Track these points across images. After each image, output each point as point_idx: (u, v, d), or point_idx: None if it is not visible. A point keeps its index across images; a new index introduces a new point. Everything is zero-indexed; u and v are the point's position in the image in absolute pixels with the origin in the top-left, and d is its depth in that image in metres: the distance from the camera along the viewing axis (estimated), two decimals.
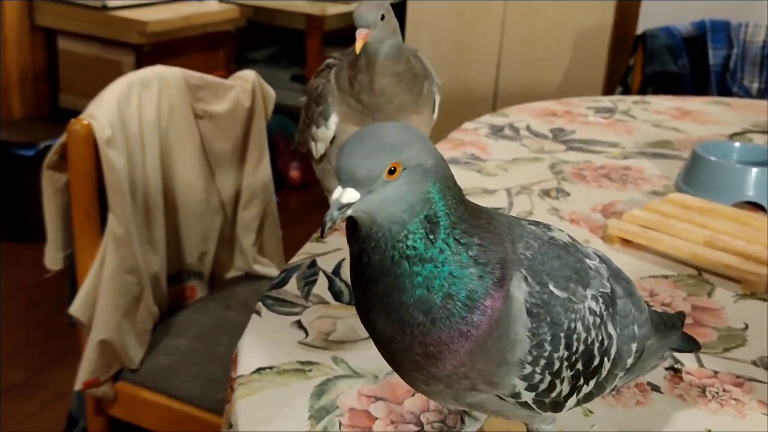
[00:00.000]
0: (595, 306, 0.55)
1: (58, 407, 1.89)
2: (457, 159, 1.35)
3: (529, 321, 0.51)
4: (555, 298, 0.53)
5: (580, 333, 0.54)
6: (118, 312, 1.33)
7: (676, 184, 1.25)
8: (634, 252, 1.04)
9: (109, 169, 1.29)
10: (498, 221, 0.54)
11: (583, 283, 0.55)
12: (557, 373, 0.53)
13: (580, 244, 0.59)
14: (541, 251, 0.54)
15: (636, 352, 0.60)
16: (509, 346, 0.51)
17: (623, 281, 0.61)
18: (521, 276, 0.52)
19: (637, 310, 0.61)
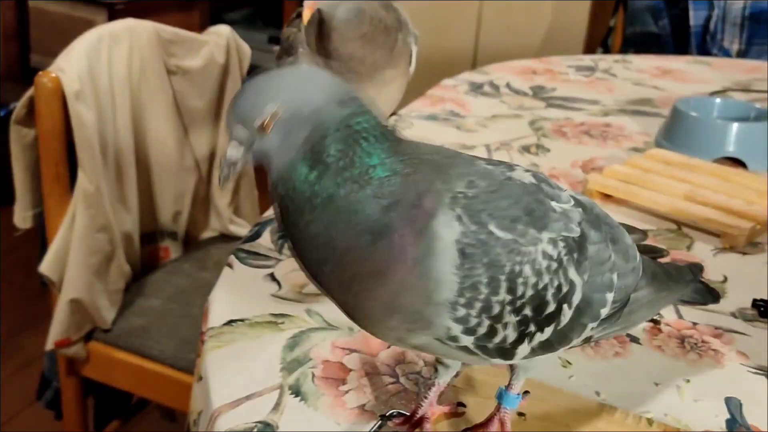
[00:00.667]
0: (551, 250, 0.52)
1: (32, 371, 1.87)
2: (435, 115, 1.33)
3: (461, 261, 0.49)
4: (495, 238, 0.50)
5: (528, 277, 0.51)
6: (89, 271, 1.31)
7: (657, 140, 1.24)
8: (614, 207, 1.03)
9: (78, 124, 1.26)
10: (432, 160, 0.51)
11: (537, 225, 0.52)
12: (498, 318, 0.51)
13: (554, 185, 0.56)
14: (488, 190, 0.51)
15: (614, 302, 0.57)
16: (433, 285, 0.49)
17: (606, 227, 0.58)
18: (453, 215, 0.49)
19: (622, 259, 0.58)
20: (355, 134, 0.49)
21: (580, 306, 0.54)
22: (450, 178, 0.50)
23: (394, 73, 0.96)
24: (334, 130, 0.49)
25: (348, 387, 0.66)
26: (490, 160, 0.55)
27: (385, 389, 0.66)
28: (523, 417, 0.61)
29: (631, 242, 0.60)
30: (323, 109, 0.49)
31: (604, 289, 0.56)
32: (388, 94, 0.97)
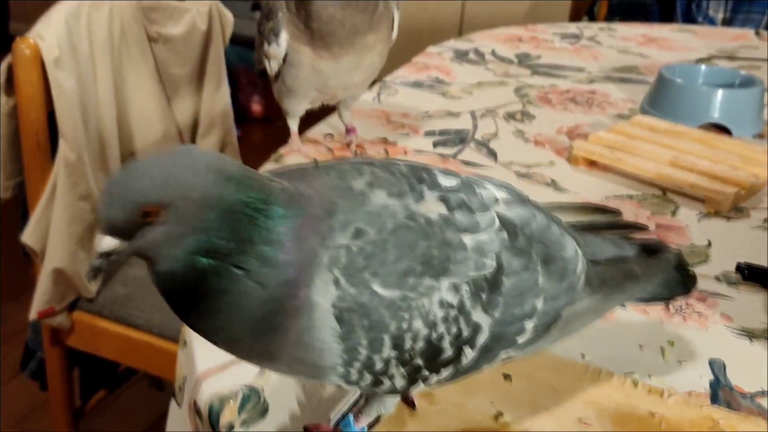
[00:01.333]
0: (451, 297, 0.48)
1: (15, 343, 1.86)
2: (421, 82, 1.32)
3: (339, 327, 0.46)
4: (379, 299, 0.46)
5: (419, 331, 0.48)
6: (71, 240, 1.29)
7: (642, 107, 1.24)
8: (600, 173, 1.03)
9: (58, 92, 1.24)
10: (321, 206, 0.47)
11: (435, 273, 0.48)
12: (382, 372, 0.49)
13: (476, 205, 0.51)
14: (376, 240, 0.47)
15: (537, 327, 0.53)
16: (318, 354, 0.47)
17: (540, 246, 0.53)
18: (329, 279, 0.46)
19: (555, 280, 0.53)
20: (245, 215, 0.45)
21: (488, 344, 0.51)
22: (333, 232, 0.46)
23: (375, 38, 0.95)
24: (223, 215, 0.45)
25: None
26: (393, 185, 0.49)
27: None
28: (508, 379, 0.61)
29: (573, 254, 0.55)
30: (217, 191, 0.45)
31: (523, 318, 0.52)
32: (369, 60, 0.96)
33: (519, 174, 1.01)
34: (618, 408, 0.59)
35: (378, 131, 1.11)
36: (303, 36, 0.92)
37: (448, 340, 0.49)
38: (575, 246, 0.55)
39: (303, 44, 0.92)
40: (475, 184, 0.53)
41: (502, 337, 0.51)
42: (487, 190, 0.53)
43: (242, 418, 0.58)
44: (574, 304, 0.55)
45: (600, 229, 0.61)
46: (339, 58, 0.93)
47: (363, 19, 0.91)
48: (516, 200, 0.54)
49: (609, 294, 0.57)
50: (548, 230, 0.54)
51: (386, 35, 0.97)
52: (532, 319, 0.52)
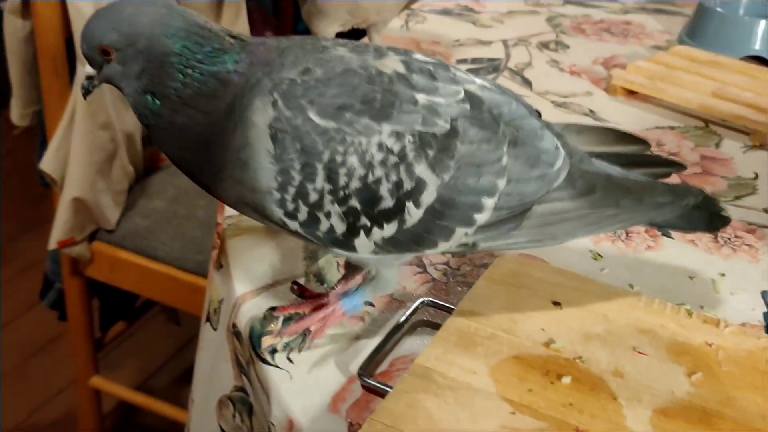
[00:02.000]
0: (392, 143, 0.49)
1: (33, 274, 1.85)
2: (449, 10, 1.27)
3: (273, 146, 0.48)
4: (312, 125, 0.48)
5: (354, 168, 0.49)
6: (91, 169, 1.27)
7: (680, 37, 1.19)
8: (639, 103, 0.99)
9: (76, 15, 1.20)
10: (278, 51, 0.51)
11: (376, 115, 0.49)
12: (316, 206, 0.49)
13: (443, 75, 0.52)
14: (320, 77, 0.49)
15: (501, 209, 0.52)
16: (253, 174, 0.49)
17: (509, 128, 0.52)
18: (268, 101, 0.49)
19: (522, 163, 0.52)
20: (188, 61, 0.50)
21: (437, 207, 0.50)
22: (283, 67, 0.50)
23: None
24: (169, 61, 0.50)
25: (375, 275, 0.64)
26: (359, 47, 0.52)
27: (413, 278, 0.64)
28: (558, 306, 0.59)
29: (550, 147, 0.53)
30: (158, 41, 0.50)
31: (480, 192, 0.51)
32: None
33: (555, 104, 0.98)
34: (673, 337, 0.57)
35: None
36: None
37: (386, 187, 0.49)
38: (555, 142, 0.54)
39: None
40: (454, 68, 0.54)
41: (454, 205, 0.51)
42: (466, 75, 0.54)
43: (284, 341, 0.57)
44: (550, 200, 0.54)
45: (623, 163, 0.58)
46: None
47: None
48: (496, 90, 0.54)
49: (598, 204, 0.54)
50: (523, 118, 0.54)
51: None
52: (492, 198, 0.51)
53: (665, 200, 0.55)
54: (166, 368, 1.76)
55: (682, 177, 0.83)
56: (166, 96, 0.50)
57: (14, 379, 1.70)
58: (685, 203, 0.56)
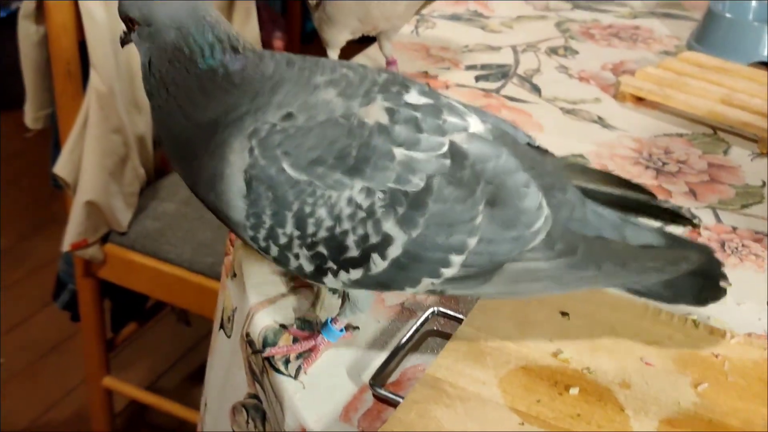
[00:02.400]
0: (362, 198, 0.50)
1: (46, 273, 1.87)
2: (459, 15, 1.28)
3: (247, 191, 0.51)
4: (286, 177, 0.50)
5: (322, 218, 0.51)
6: (104, 173, 1.29)
7: (689, 43, 1.20)
8: (648, 110, 1.00)
9: (89, 21, 1.21)
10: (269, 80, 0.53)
11: (347, 169, 0.50)
12: (286, 248, 0.52)
13: (432, 127, 0.52)
14: (300, 126, 0.51)
15: (469, 266, 0.52)
16: (227, 205, 0.52)
17: (490, 186, 0.52)
18: (246, 146, 0.51)
19: (497, 225, 0.52)
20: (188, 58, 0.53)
21: (402, 260, 0.51)
22: (269, 107, 0.52)
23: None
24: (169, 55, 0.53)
25: None
26: (348, 83, 0.53)
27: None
28: (566, 316, 0.60)
29: (532, 207, 0.53)
30: (166, 32, 0.53)
31: (448, 250, 0.52)
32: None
33: (564, 110, 0.99)
34: (680, 348, 0.58)
35: (418, 65, 1.08)
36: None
37: (352, 239, 0.51)
38: (540, 201, 0.53)
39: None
40: (449, 110, 0.54)
41: (421, 260, 0.52)
42: (459, 119, 0.54)
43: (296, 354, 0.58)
44: (524, 260, 0.53)
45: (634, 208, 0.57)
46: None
47: None
48: (488, 137, 0.54)
49: (577, 266, 0.54)
50: (509, 174, 0.53)
51: None
52: (461, 256, 0.52)
53: (653, 265, 0.54)
54: (177, 368, 1.78)
55: (691, 186, 0.84)
56: (157, 78, 0.54)
57: (27, 378, 1.72)
58: (674, 269, 0.55)
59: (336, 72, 0.54)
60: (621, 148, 0.90)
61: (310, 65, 0.55)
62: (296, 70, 0.54)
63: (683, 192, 0.82)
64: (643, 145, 0.91)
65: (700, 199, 0.81)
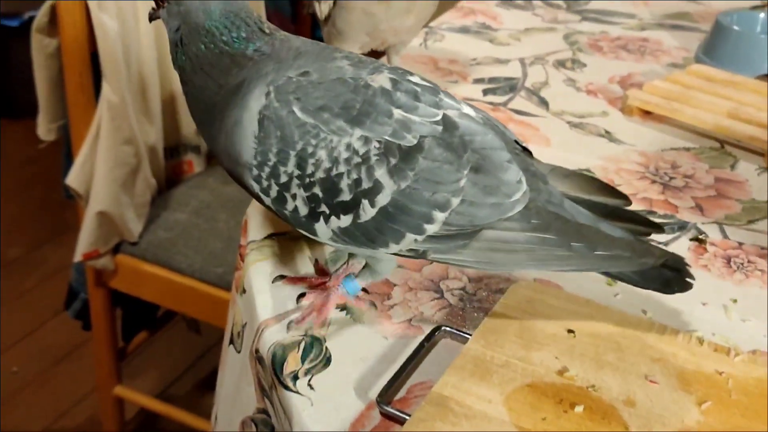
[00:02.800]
0: (359, 145, 0.55)
1: (57, 281, 1.89)
2: (467, 27, 1.29)
3: (258, 129, 0.56)
4: (294, 118, 0.55)
5: (321, 160, 0.55)
6: (115, 183, 1.30)
7: (697, 56, 1.20)
8: (655, 124, 1.00)
9: (101, 34, 1.23)
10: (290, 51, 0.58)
11: (350, 119, 0.55)
12: (285, 187, 0.56)
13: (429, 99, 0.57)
14: (312, 80, 0.56)
15: (449, 224, 0.56)
16: (239, 147, 0.57)
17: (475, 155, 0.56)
18: (264, 91, 0.56)
19: (479, 190, 0.56)
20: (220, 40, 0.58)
21: (390, 210, 0.56)
22: (289, 67, 0.57)
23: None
24: (198, 31, 0.58)
25: (393, 302, 0.66)
26: (362, 62, 0.58)
27: (430, 304, 0.66)
28: (572, 334, 0.61)
29: (513, 180, 0.57)
30: (195, 12, 0.58)
31: (432, 205, 0.56)
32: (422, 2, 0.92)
33: (571, 124, 0.99)
34: (684, 366, 0.58)
35: (426, 78, 1.09)
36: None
37: (346, 182, 0.55)
38: (520, 177, 0.58)
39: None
40: (446, 95, 0.59)
41: (406, 211, 0.56)
42: (454, 101, 0.59)
43: (305, 368, 0.58)
44: (501, 228, 0.57)
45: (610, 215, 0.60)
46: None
47: None
48: (478, 120, 0.59)
49: (549, 242, 0.57)
50: (493, 150, 0.58)
51: None
52: (444, 213, 0.56)
53: (622, 254, 0.58)
54: (187, 376, 1.79)
55: (698, 201, 0.84)
56: (190, 56, 0.58)
57: (39, 386, 1.74)
58: (642, 262, 0.58)
59: (353, 55, 0.60)
60: (628, 163, 0.91)
61: (331, 47, 0.61)
62: (319, 47, 0.60)
63: (690, 207, 0.83)
64: (650, 159, 0.92)
65: (707, 215, 0.82)
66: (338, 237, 0.58)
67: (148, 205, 1.40)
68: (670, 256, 0.59)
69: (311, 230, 0.58)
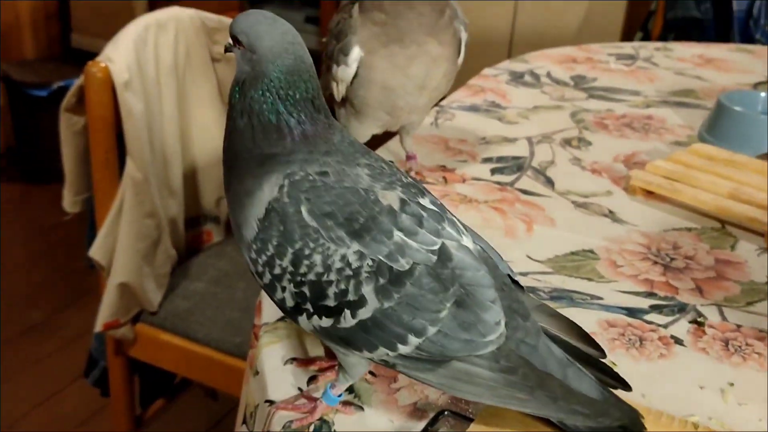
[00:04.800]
0: (353, 259, 0.57)
1: (77, 347, 1.93)
2: (477, 106, 1.33)
3: (264, 217, 0.59)
4: (299, 218, 0.58)
5: (315, 264, 0.57)
6: (137, 255, 1.34)
7: (700, 134, 1.24)
8: (658, 204, 1.04)
9: (126, 113, 1.29)
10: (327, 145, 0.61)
11: (351, 231, 0.57)
12: (277, 278, 0.59)
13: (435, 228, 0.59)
14: (326, 183, 0.59)
15: (422, 349, 0.58)
16: (243, 220, 0.60)
17: (461, 290, 0.58)
18: (280, 182, 0.59)
19: (458, 325, 0.58)
20: (276, 98, 0.60)
21: (368, 324, 0.58)
22: (314, 161, 0.60)
23: (440, 51, 0.94)
24: (262, 82, 0.60)
25: (399, 385, 0.68)
26: (381, 171, 0.61)
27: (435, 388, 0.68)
28: None
29: (492, 321, 0.58)
30: (264, 65, 0.60)
31: (408, 329, 0.58)
32: (435, 78, 0.96)
33: (576, 204, 1.02)
34: None
35: (436, 158, 1.13)
36: (376, 36, 0.93)
37: (333, 290, 0.58)
38: (500, 320, 0.59)
39: (376, 46, 0.93)
40: (450, 223, 0.61)
41: (383, 329, 0.58)
42: (455, 233, 0.60)
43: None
44: (470, 362, 0.59)
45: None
46: (410, 60, 0.93)
47: (430, 13, 0.92)
48: (474, 253, 0.60)
49: (513, 385, 0.58)
50: (481, 287, 0.59)
51: (452, 54, 0.97)
52: (418, 339, 0.58)
53: (581, 410, 0.58)
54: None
55: (698, 282, 0.87)
56: (244, 96, 0.61)
57: None
58: (599, 421, 0.59)
59: (377, 162, 0.63)
60: (630, 243, 0.93)
61: (363, 150, 0.63)
62: (352, 148, 0.62)
63: (689, 289, 0.85)
64: (652, 240, 0.95)
65: (706, 296, 0.84)
66: (318, 333, 0.60)
67: (168, 276, 1.44)
68: (629, 418, 0.59)
69: (294, 319, 0.61)
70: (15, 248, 2.36)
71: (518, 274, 0.85)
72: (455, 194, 1.03)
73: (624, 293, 0.84)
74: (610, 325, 0.78)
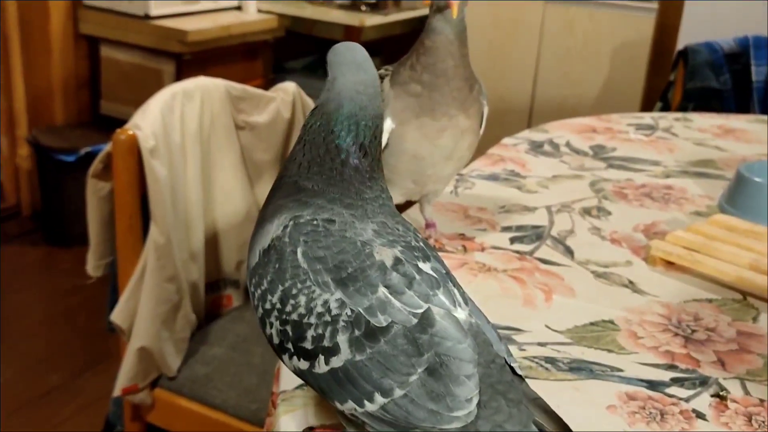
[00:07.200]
0: (334, 306, 0.58)
1: (95, 411, 1.92)
2: (497, 175, 1.35)
3: (263, 252, 0.62)
4: (293, 258, 0.60)
5: (299, 305, 0.59)
6: (157, 320, 1.35)
7: (720, 204, 1.24)
8: (678, 275, 1.03)
9: (152, 180, 1.31)
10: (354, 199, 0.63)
11: (339, 281, 0.59)
12: (267, 313, 0.61)
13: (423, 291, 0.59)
14: (326, 230, 0.61)
15: (387, 411, 0.57)
16: (252, 249, 0.63)
17: (436, 359, 0.57)
18: (285, 223, 0.62)
19: (425, 394, 0.57)
20: (327, 133, 0.63)
21: (339, 374, 0.58)
22: (330, 210, 0.62)
23: (467, 123, 0.97)
24: (323, 114, 0.64)
25: None
26: (389, 230, 0.62)
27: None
28: None
29: (463, 396, 0.57)
30: (330, 96, 0.64)
31: (376, 386, 0.57)
32: (461, 148, 0.98)
33: (596, 274, 1.02)
34: None
35: (456, 226, 1.14)
36: (409, 107, 0.94)
37: (311, 333, 0.59)
38: (473, 397, 0.57)
39: (409, 116, 0.95)
40: (445, 292, 0.60)
41: (353, 382, 0.58)
42: (449, 302, 0.60)
43: None
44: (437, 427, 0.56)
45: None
46: (440, 132, 0.95)
47: (463, 88, 0.95)
48: (462, 327, 0.59)
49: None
50: (459, 361, 0.57)
51: (476, 126, 0.99)
52: (384, 399, 0.57)
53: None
54: None
55: (720, 355, 0.86)
56: (311, 120, 0.65)
57: None
58: None
59: (397, 224, 0.64)
60: (650, 314, 0.93)
61: (390, 211, 0.65)
62: (378, 204, 0.64)
63: (711, 361, 0.84)
64: (673, 311, 0.94)
65: (729, 369, 0.83)
66: (297, 375, 0.62)
67: (187, 340, 1.44)
68: None
69: (281, 358, 0.62)
70: (36, 310, 2.38)
71: (537, 344, 0.85)
72: (474, 263, 1.03)
73: (644, 365, 0.83)
74: (630, 398, 0.77)
